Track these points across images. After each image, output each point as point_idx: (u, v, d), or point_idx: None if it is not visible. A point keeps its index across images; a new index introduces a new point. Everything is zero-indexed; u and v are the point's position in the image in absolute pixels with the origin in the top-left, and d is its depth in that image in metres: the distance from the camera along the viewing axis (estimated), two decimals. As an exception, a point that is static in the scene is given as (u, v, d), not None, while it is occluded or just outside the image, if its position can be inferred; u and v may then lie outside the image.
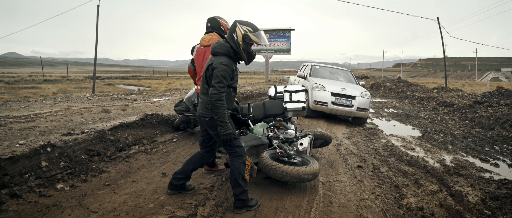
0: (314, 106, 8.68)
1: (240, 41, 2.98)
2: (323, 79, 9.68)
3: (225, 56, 2.98)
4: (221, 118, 2.90)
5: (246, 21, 3.06)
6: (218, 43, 3.05)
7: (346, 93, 8.67)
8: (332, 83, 9.19)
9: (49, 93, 16.02)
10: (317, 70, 10.53)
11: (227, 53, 2.99)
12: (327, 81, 9.35)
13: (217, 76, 2.89)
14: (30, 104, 7.19)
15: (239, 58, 3.07)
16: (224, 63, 2.92)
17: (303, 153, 4.00)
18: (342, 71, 10.95)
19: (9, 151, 3.38)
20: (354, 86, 9.32)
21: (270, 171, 3.45)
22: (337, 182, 4.03)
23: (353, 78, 10.54)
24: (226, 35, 3.08)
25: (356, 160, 5.14)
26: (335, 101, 8.57)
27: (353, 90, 8.82)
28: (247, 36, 2.98)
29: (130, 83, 29.66)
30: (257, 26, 3.08)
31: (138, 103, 7.99)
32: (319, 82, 9.03)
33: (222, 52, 2.99)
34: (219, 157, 4.72)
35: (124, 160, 4.40)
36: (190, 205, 3.08)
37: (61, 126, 4.78)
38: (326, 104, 8.59)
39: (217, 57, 2.99)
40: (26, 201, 3.00)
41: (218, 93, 2.87)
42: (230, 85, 3.01)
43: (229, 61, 2.96)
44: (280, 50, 27.54)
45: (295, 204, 3.28)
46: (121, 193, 3.35)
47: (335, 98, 8.59)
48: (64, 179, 3.54)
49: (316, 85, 8.78)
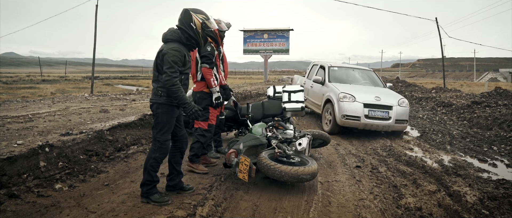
0: (343, 122, 6.93)
1: (199, 30, 3.13)
2: (346, 85, 7.92)
3: (176, 42, 3.07)
4: (181, 101, 2.98)
5: (198, 9, 3.22)
6: (169, 31, 3.15)
7: (382, 103, 6.97)
8: (362, 91, 7.44)
9: (47, 93, 15.98)
10: (335, 72, 8.58)
11: (178, 39, 3.09)
12: (355, 88, 7.59)
13: (167, 62, 2.95)
14: (28, 105, 7.18)
15: (192, 45, 3.18)
16: (174, 48, 2.99)
17: (301, 153, 4.01)
18: (364, 72, 9.13)
19: (7, 151, 3.37)
20: (388, 93, 7.68)
21: (269, 171, 3.45)
22: (336, 182, 4.03)
23: (379, 80, 8.80)
24: (179, 24, 3.16)
25: (354, 160, 5.14)
26: (369, 114, 6.83)
27: (388, 98, 7.17)
28: (205, 24, 3.17)
29: (129, 83, 29.62)
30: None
31: (136, 104, 7.98)
32: (346, 90, 7.26)
33: (173, 39, 3.08)
34: (218, 157, 4.72)
35: (122, 160, 4.40)
36: (189, 205, 3.08)
37: (60, 126, 4.77)
38: (358, 118, 6.81)
39: (168, 43, 3.07)
40: (25, 201, 2.99)
41: (171, 79, 2.92)
42: (182, 71, 3.06)
43: (179, 47, 3.04)
44: (279, 50, 27.56)
45: (293, 204, 3.28)
46: (120, 193, 3.35)
47: (369, 110, 6.85)
48: (62, 179, 3.53)
49: (344, 95, 7.05)
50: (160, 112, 3.05)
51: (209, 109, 4.16)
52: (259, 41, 28.01)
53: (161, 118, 3.05)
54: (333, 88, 7.57)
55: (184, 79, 3.15)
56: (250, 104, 5.61)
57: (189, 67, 3.16)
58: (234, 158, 3.61)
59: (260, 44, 27.98)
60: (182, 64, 3.02)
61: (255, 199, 3.37)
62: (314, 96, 8.53)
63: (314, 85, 8.59)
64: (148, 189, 3.11)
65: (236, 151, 3.67)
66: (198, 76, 4.18)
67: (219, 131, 5.11)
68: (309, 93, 8.82)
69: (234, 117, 5.58)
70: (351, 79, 8.53)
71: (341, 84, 7.85)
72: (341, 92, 7.17)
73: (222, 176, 3.93)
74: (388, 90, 8.07)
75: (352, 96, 7.02)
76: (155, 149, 3.09)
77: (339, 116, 6.96)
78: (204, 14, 3.21)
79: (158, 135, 3.08)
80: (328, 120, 7.39)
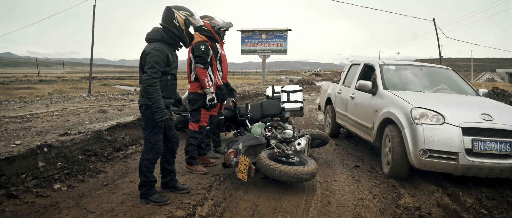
0: (424, 163, 3.74)
1: (183, 27, 3.06)
2: (418, 94, 4.70)
3: (159, 42, 3.02)
4: (156, 104, 2.88)
5: (180, 6, 3.15)
6: (152, 30, 3.10)
7: (496, 125, 3.75)
8: (451, 104, 4.29)
9: (44, 93, 15.93)
10: (394, 74, 5.31)
11: (161, 39, 3.03)
12: (437, 99, 4.43)
13: (149, 62, 2.90)
14: (26, 105, 7.15)
15: (177, 44, 3.13)
16: (156, 48, 2.94)
17: (301, 153, 4.01)
18: (439, 72, 5.64)
19: (5, 151, 3.36)
20: (496, 106, 4.45)
21: (268, 170, 3.45)
22: (335, 182, 4.04)
23: (467, 85, 5.33)
24: (162, 23, 3.10)
25: (353, 159, 5.15)
26: (475, 148, 3.62)
27: (505, 117, 3.92)
28: (188, 21, 3.08)
29: (127, 83, 29.57)
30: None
31: (135, 104, 7.97)
32: (424, 103, 4.07)
33: (156, 38, 3.03)
34: (217, 157, 4.72)
35: (121, 160, 4.39)
36: (188, 205, 3.08)
37: (58, 126, 4.75)
38: (454, 156, 3.62)
39: (151, 43, 3.03)
40: (23, 202, 2.98)
41: (150, 79, 2.86)
42: (167, 72, 3.02)
43: (162, 46, 2.99)
44: (277, 50, 27.61)
45: (293, 204, 3.28)
46: (119, 193, 3.34)
47: (474, 140, 3.64)
48: (61, 179, 3.52)
49: (422, 113, 3.89)
50: (148, 113, 3.00)
51: (201, 110, 4.05)
52: (257, 41, 28.06)
53: (151, 119, 3.00)
54: (395, 100, 4.38)
55: (171, 80, 3.08)
56: (249, 104, 5.61)
57: (174, 67, 3.10)
58: (233, 158, 3.61)
59: (258, 44, 28.03)
60: (164, 64, 2.96)
61: (254, 199, 3.37)
62: (358, 113, 5.40)
63: (358, 96, 5.51)
64: (146, 190, 3.10)
65: (235, 151, 3.67)
66: (192, 77, 4.06)
67: (218, 131, 5.10)
68: (348, 107, 5.84)
69: (233, 117, 5.58)
70: (421, 85, 5.13)
71: (407, 93, 4.65)
72: (415, 107, 3.97)
73: (221, 176, 3.93)
74: (491, 101, 4.78)
75: (437, 115, 3.84)
76: (148, 150, 3.07)
77: (416, 152, 3.74)
78: (187, 11, 3.13)
79: (149, 136, 3.05)
80: (389, 156, 4.20)
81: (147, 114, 3.02)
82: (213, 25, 4.05)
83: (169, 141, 3.28)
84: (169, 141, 3.28)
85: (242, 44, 27.86)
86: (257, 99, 12.04)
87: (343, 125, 4.47)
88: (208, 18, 4.06)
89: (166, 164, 3.33)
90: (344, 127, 6.09)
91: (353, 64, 6.65)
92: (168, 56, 2.99)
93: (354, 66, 6.52)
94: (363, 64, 5.98)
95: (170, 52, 3.05)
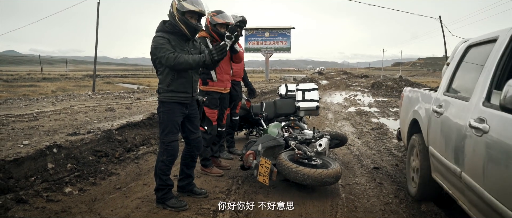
0: None
1: (175, 12, 2.83)
2: None
3: (159, 32, 2.85)
4: (199, 62, 2.73)
5: None
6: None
7: None
8: None
9: (48, 91, 15.78)
10: None
11: (161, 29, 2.87)
12: None
13: (153, 50, 2.75)
14: (32, 103, 6.99)
15: (180, 32, 2.86)
16: (156, 35, 2.81)
17: (322, 155, 3.82)
18: None
19: (13, 152, 3.19)
20: None
21: (291, 173, 3.27)
22: (357, 185, 3.85)
23: None
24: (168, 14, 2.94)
25: (370, 161, 4.96)
26: None
27: None
28: (180, 4, 2.80)
29: (129, 81, 29.39)
30: None
31: (142, 102, 7.79)
32: None
33: (157, 29, 2.89)
34: (231, 158, 4.53)
35: (133, 161, 4.21)
36: (208, 210, 2.90)
37: (66, 125, 4.58)
38: None
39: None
40: (33, 207, 2.80)
41: (168, 58, 2.68)
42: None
43: (162, 34, 2.82)
44: (280, 48, 27.38)
45: (318, 209, 3.09)
46: (133, 197, 3.16)
47: None
48: (72, 182, 3.35)
49: None
50: (161, 111, 2.86)
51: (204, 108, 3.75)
52: (260, 39, 27.83)
53: (163, 117, 2.86)
54: None
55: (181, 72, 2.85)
56: (264, 103, 5.42)
57: (187, 52, 2.88)
58: (252, 160, 3.43)
59: (261, 42, 27.81)
60: (171, 46, 2.76)
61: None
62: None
63: (496, 124, 1.89)
64: (163, 194, 2.92)
65: (254, 153, 3.48)
66: None
67: (232, 131, 4.92)
68: (466, 152, 2.21)
69: (246, 116, 5.40)
70: None
71: None
72: None
73: (239, 179, 3.74)
74: None
75: None
76: (162, 152, 2.91)
77: None
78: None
79: (161, 136, 2.90)
80: None
81: (160, 112, 2.87)
82: (212, 21, 3.69)
83: (189, 145, 3.11)
84: (190, 144, 3.11)
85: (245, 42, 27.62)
86: (263, 98, 11.85)
87: (447, 189, 2.57)
88: (212, 13, 3.70)
89: (185, 167, 3.16)
90: (450, 194, 2.58)
91: (475, 44, 2.81)
92: (170, 41, 2.78)
93: (477, 49, 2.74)
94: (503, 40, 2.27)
95: (174, 41, 2.82)
